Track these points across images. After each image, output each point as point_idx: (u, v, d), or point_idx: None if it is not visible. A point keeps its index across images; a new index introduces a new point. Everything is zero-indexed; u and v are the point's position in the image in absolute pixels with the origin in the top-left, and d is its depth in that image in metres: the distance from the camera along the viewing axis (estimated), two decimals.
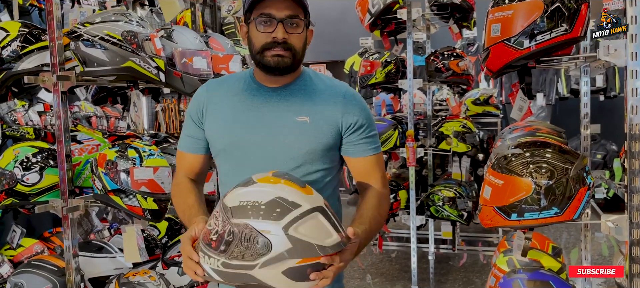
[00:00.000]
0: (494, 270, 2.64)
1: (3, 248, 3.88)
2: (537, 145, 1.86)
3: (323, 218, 1.26)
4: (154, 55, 2.30)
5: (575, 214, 1.76)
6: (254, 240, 1.21)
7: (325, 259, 1.25)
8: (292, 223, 1.22)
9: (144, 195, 2.26)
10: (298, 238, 1.22)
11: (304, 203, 1.25)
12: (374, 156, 1.64)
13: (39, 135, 3.94)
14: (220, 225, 1.25)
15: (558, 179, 1.75)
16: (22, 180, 2.43)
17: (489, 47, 1.91)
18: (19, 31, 2.42)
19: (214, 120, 1.63)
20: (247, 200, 1.25)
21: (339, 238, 1.27)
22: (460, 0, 4.10)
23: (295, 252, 1.22)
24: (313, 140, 1.57)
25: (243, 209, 1.23)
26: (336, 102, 1.60)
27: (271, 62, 1.52)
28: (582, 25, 1.83)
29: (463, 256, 5.60)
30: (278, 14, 1.50)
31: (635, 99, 1.70)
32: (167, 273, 2.54)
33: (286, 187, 1.27)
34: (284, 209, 1.23)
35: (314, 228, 1.24)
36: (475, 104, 5.53)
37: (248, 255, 1.22)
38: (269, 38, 1.51)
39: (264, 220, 1.22)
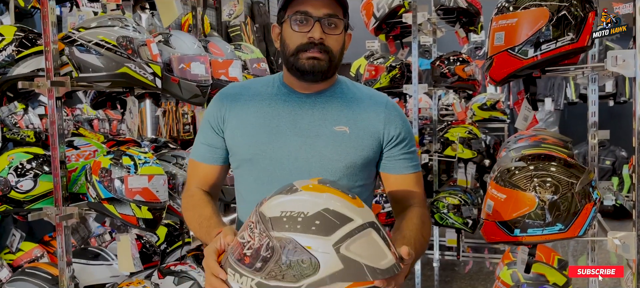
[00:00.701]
0: (497, 283, 2.57)
1: (2, 252, 3.86)
2: (541, 158, 1.79)
3: (377, 235, 1.09)
4: (150, 61, 2.25)
5: (580, 231, 1.69)
6: (299, 259, 1.04)
7: (379, 283, 1.07)
8: (344, 240, 1.05)
9: (138, 203, 2.21)
10: (350, 259, 1.04)
11: (355, 217, 1.08)
12: (415, 174, 1.50)
13: (40, 138, 3.92)
14: (257, 239, 1.08)
15: (563, 194, 1.68)
16: (16, 187, 2.39)
17: (493, 56, 1.85)
18: (15, 35, 2.38)
19: (238, 127, 1.47)
20: (291, 210, 1.07)
21: (394, 260, 1.10)
22: (466, 4, 4.03)
23: (346, 274, 1.04)
24: (353, 153, 1.43)
25: (285, 221, 1.06)
26: (378, 112, 1.46)
27: (306, 65, 1.38)
28: (589, 34, 1.76)
29: (469, 263, 5.52)
30: (315, 12, 1.37)
31: None
32: (162, 282, 2.49)
33: (335, 196, 1.09)
34: (334, 223, 1.06)
35: (368, 247, 1.07)
36: (482, 109, 5.46)
37: (290, 275, 1.04)
38: (304, 38, 1.38)
39: (311, 235, 1.04)
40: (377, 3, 4.25)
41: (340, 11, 1.40)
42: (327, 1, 1.37)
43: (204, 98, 2.52)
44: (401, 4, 4.23)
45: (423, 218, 1.44)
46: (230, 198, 2.99)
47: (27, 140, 3.86)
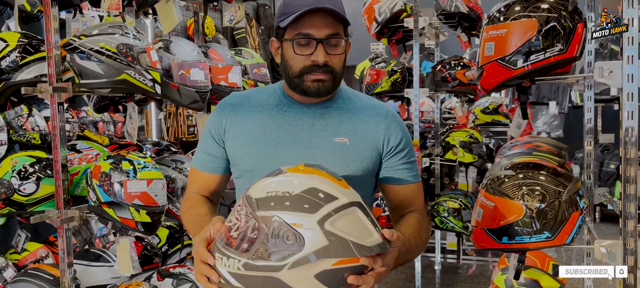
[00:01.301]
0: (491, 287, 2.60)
1: (8, 252, 3.92)
2: (530, 167, 1.82)
3: (362, 213, 1.10)
4: (150, 68, 2.30)
5: (567, 239, 1.72)
6: (284, 236, 1.05)
7: (365, 261, 1.08)
8: (329, 216, 1.06)
9: (137, 207, 2.26)
10: (335, 235, 1.05)
11: (341, 196, 1.09)
12: (415, 184, 1.51)
13: (46, 141, 3.99)
14: (243, 220, 1.09)
15: (550, 203, 1.70)
16: (19, 190, 2.44)
17: (483, 66, 1.87)
18: (18, 42, 2.43)
19: (239, 137, 1.48)
20: (276, 190, 1.09)
21: (381, 239, 1.10)
22: (467, 9, 4.05)
23: (331, 250, 1.05)
24: (352, 164, 1.44)
25: (271, 200, 1.08)
26: (378, 122, 1.47)
27: (311, 87, 1.39)
28: (578, 44, 1.79)
29: (472, 266, 5.54)
30: (318, 34, 1.35)
31: (630, 121, 1.66)
32: (161, 284, 2.53)
33: (321, 177, 1.12)
34: (318, 201, 1.07)
35: (353, 225, 1.08)
36: (485, 113, 5.47)
37: (276, 253, 1.05)
38: (308, 60, 1.37)
39: (295, 213, 1.06)
40: (378, 7, 4.28)
41: (341, 29, 1.40)
42: (329, 21, 1.36)
43: (203, 103, 2.56)
44: (403, 9, 4.26)
45: (421, 222, 1.46)
46: (229, 202, 3.04)
47: (33, 142, 3.93)
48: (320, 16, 1.35)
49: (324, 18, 1.36)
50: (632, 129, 1.66)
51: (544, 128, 7.37)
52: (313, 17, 1.35)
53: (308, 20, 1.36)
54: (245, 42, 6.84)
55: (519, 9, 1.83)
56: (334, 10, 1.35)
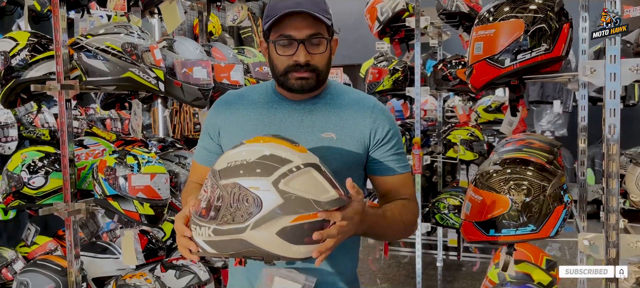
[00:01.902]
0: (485, 282, 2.66)
1: (18, 246, 4.04)
2: (517, 162, 1.88)
3: (318, 173, 1.19)
4: (153, 66, 2.38)
5: (552, 231, 1.78)
6: (243, 199, 1.15)
7: (322, 215, 1.16)
8: (283, 177, 1.15)
9: (140, 200, 2.34)
10: (290, 193, 1.14)
11: (295, 159, 1.18)
12: (404, 174, 1.55)
13: (54, 137, 4.09)
14: (209, 191, 1.20)
15: (535, 196, 1.77)
16: (29, 183, 2.53)
17: (473, 65, 1.94)
18: (28, 41, 2.52)
19: (233, 134, 1.54)
20: (235, 160, 1.19)
21: (337, 195, 1.19)
22: (468, 9, 4.10)
23: (287, 207, 1.14)
24: (340, 158, 1.48)
25: (231, 169, 1.18)
26: (365, 116, 1.52)
27: (295, 85, 1.45)
28: (564, 44, 1.85)
29: (476, 263, 5.59)
30: (298, 35, 1.41)
31: (612, 119, 1.72)
32: (164, 276, 2.62)
33: (276, 144, 1.21)
34: (273, 165, 1.16)
35: (308, 183, 1.17)
36: (487, 111, 5.51)
37: (238, 216, 1.15)
38: (290, 60, 1.43)
39: (252, 177, 1.15)
40: (381, 7, 4.34)
41: (323, 28, 1.44)
42: (309, 21, 1.41)
43: (205, 101, 2.64)
44: (405, 8, 4.32)
45: (406, 205, 1.51)
46: None
47: (42, 138, 4.04)
48: (301, 17, 1.41)
49: (304, 19, 1.41)
50: (614, 126, 1.72)
51: (548, 127, 7.40)
52: (294, 19, 1.41)
53: (289, 22, 1.41)
54: (251, 41, 6.93)
55: (507, 10, 1.89)
56: (313, 8, 1.40)
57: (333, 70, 4.99)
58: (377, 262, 5.65)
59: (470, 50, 1.94)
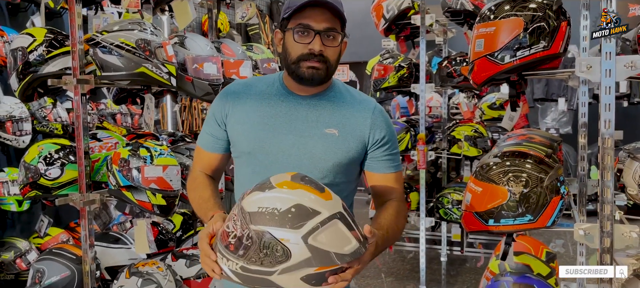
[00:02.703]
0: (486, 273, 2.73)
1: (31, 237, 4.14)
2: (516, 155, 1.95)
3: (342, 225, 1.25)
4: (166, 62, 2.46)
5: (548, 221, 1.85)
6: (273, 248, 1.21)
7: (343, 264, 1.25)
8: (312, 232, 1.21)
9: (153, 191, 2.43)
10: (317, 248, 1.22)
11: (323, 210, 1.24)
12: (395, 174, 1.66)
13: (67, 131, 4.19)
14: (239, 229, 1.25)
15: (532, 188, 1.84)
16: (45, 175, 2.63)
17: (474, 61, 2.01)
18: (45, 37, 2.61)
19: (240, 122, 1.61)
20: (266, 206, 1.23)
21: (358, 245, 1.27)
22: (472, 7, 4.17)
23: (314, 260, 1.22)
24: (340, 153, 1.57)
25: (262, 216, 1.22)
26: (365, 117, 1.61)
27: (306, 73, 1.52)
28: (562, 41, 1.92)
29: (480, 258, 5.65)
30: (316, 26, 1.50)
31: (608, 113, 1.79)
32: (175, 264, 2.71)
33: (305, 193, 1.25)
34: (303, 217, 1.21)
35: (333, 236, 1.23)
36: (492, 108, 5.57)
37: (267, 262, 1.22)
38: (305, 49, 1.51)
39: (283, 229, 1.21)
40: (386, 5, 4.41)
41: (338, 24, 1.54)
42: (328, 16, 1.51)
43: (215, 96, 2.72)
44: (410, 6, 4.39)
45: (398, 210, 1.61)
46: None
47: (55, 132, 4.14)
48: (320, 10, 1.50)
49: (323, 13, 1.50)
50: (609, 121, 1.78)
51: (553, 124, 7.44)
52: (314, 10, 1.50)
53: (309, 13, 1.50)
54: (258, 38, 7.00)
55: (507, 8, 1.96)
56: (333, 6, 1.50)
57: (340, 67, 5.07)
58: (381, 256, 5.73)
59: (472, 47, 2.01)
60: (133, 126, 4.83)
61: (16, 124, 3.82)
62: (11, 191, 3.77)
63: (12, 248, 3.82)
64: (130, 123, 4.76)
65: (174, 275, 2.58)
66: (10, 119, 3.78)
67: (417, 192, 4.70)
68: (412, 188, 4.80)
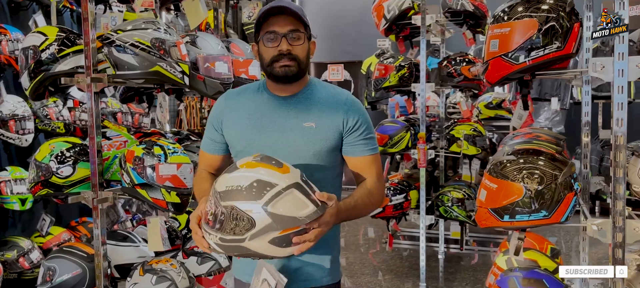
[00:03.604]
0: (493, 269, 2.78)
1: (33, 236, 4.13)
2: (529, 153, 2.00)
3: (299, 193, 1.47)
4: (180, 60, 2.49)
5: (562, 217, 1.90)
6: (241, 219, 1.43)
7: (303, 226, 1.46)
8: (270, 201, 1.43)
9: (167, 189, 2.45)
10: (276, 214, 1.43)
11: (280, 182, 1.46)
12: (371, 156, 1.84)
13: (69, 130, 4.19)
14: (214, 208, 1.48)
15: (547, 184, 1.89)
16: (57, 173, 2.63)
17: (488, 61, 2.06)
18: (57, 36, 2.62)
19: (233, 125, 1.85)
20: (232, 184, 1.46)
21: (314, 208, 1.48)
22: (472, 7, 4.23)
23: (276, 225, 1.43)
24: (318, 143, 1.77)
25: (229, 193, 1.45)
26: (338, 108, 1.81)
27: (280, 72, 1.74)
28: (575, 42, 1.97)
29: (474, 256, 5.72)
30: (281, 30, 1.72)
31: (620, 112, 1.84)
32: (186, 262, 2.73)
33: (263, 169, 1.48)
34: (261, 190, 1.44)
35: (291, 203, 1.45)
36: (488, 108, 5.65)
37: (237, 230, 1.44)
38: (275, 51, 1.72)
39: (246, 201, 1.43)
40: (387, 5, 4.46)
41: (301, 26, 1.75)
42: (290, 20, 1.73)
43: None
44: (410, 6, 4.44)
45: (372, 188, 1.81)
46: None
47: (57, 131, 4.13)
48: (283, 17, 1.73)
49: (285, 18, 1.73)
50: (622, 119, 1.84)
51: (546, 124, 7.54)
52: (277, 18, 1.73)
53: (273, 21, 1.73)
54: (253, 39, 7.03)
55: (521, 10, 2.01)
56: (293, 11, 1.73)
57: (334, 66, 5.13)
58: (379, 254, 5.78)
59: (486, 47, 2.06)
60: (133, 125, 4.83)
61: (19, 122, 3.81)
62: (14, 190, 3.76)
63: (15, 247, 3.82)
64: (130, 122, 4.76)
65: (187, 272, 2.60)
66: (13, 118, 3.77)
67: (416, 190, 4.76)
68: (411, 186, 4.86)
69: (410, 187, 4.81)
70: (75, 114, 4.28)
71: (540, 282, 2.37)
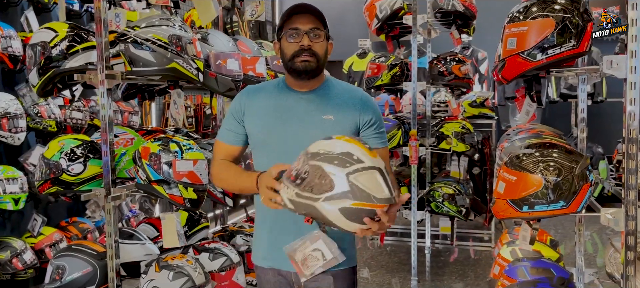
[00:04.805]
0: (498, 260, 2.88)
1: (24, 236, 4.05)
2: (545, 146, 2.10)
3: (380, 176, 1.53)
4: (195, 57, 2.50)
5: (579, 207, 2.01)
6: (322, 178, 1.51)
7: (374, 207, 1.51)
8: (353, 172, 1.50)
9: (185, 185, 2.46)
10: (355, 185, 1.49)
11: (366, 160, 1.53)
12: (383, 149, 1.96)
13: (60, 128, 4.12)
14: (301, 165, 1.56)
15: (565, 176, 1.99)
16: (67, 170, 2.61)
17: (505, 58, 2.15)
18: (67, 32, 2.60)
19: (255, 117, 1.94)
20: (324, 149, 1.56)
21: (390, 195, 1.54)
22: (463, 8, 4.34)
23: (351, 195, 1.49)
24: (336, 135, 1.83)
25: (319, 155, 1.55)
26: (355, 103, 1.93)
27: (300, 66, 1.85)
28: (588, 41, 2.08)
29: (454, 251, 5.87)
30: (303, 27, 1.85)
31: (632, 107, 1.95)
32: (199, 258, 2.74)
33: (356, 146, 1.56)
34: (349, 160, 1.52)
35: (370, 181, 1.51)
36: (472, 106, 5.79)
37: (315, 190, 1.52)
38: (297, 47, 1.85)
39: (332, 165, 1.51)
40: (380, 5, 4.54)
41: (321, 25, 1.89)
42: (311, 18, 1.87)
43: (237, 92, 2.77)
44: (401, 6, 4.53)
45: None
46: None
47: (49, 129, 4.06)
48: (305, 16, 1.86)
49: (307, 17, 1.86)
50: (634, 113, 1.95)
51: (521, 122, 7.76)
52: (299, 17, 1.86)
53: (296, 19, 1.86)
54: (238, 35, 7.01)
55: (536, 10, 2.11)
56: (315, 10, 1.87)
57: None
58: (369, 250, 5.86)
59: (503, 45, 2.15)
60: (123, 124, 4.77)
61: (12, 120, 3.73)
62: (7, 189, 3.69)
63: (8, 248, 3.74)
64: (120, 120, 4.71)
65: (202, 267, 2.61)
66: (5, 116, 3.69)
67: (405, 187, 4.85)
68: (400, 183, 4.95)
69: (400, 184, 4.90)
70: (66, 112, 4.21)
71: (547, 270, 2.47)
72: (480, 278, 4.94)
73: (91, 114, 4.51)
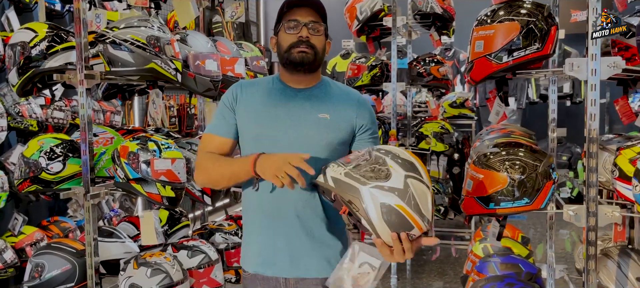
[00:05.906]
0: (470, 256, 2.97)
1: (4, 235, 4.05)
2: (511, 145, 2.18)
3: (431, 200, 1.51)
4: (173, 58, 2.54)
5: (542, 204, 2.08)
6: (381, 165, 1.49)
7: (413, 222, 1.46)
8: (412, 178, 1.49)
9: (163, 183, 2.50)
10: (410, 188, 1.47)
11: (426, 179, 1.53)
12: None
13: (42, 127, 4.13)
14: (363, 152, 1.58)
15: (529, 174, 2.07)
16: (47, 169, 2.64)
17: (473, 60, 2.22)
18: (46, 32, 2.63)
19: (247, 111, 1.87)
20: (392, 149, 1.57)
21: (429, 219, 1.51)
22: (441, 10, 4.42)
23: (401, 194, 1.46)
24: (331, 134, 1.82)
25: (387, 150, 1.56)
26: (351, 105, 1.89)
27: (297, 57, 1.80)
28: (552, 44, 2.16)
29: (436, 250, 5.95)
30: (302, 19, 1.80)
31: (593, 108, 2.03)
32: (177, 255, 2.78)
33: (420, 164, 1.56)
34: (412, 169, 1.51)
35: (423, 197, 1.48)
36: (452, 107, 5.88)
37: (368, 175, 1.49)
38: (295, 38, 1.80)
39: (395, 162, 1.51)
40: (360, 6, 4.60)
41: (320, 19, 1.84)
42: (311, 11, 1.82)
43: (216, 92, 2.82)
44: (382, 8, 4.60)
45: None
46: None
47: (30, 129, 4.07)
48: (304, 8, 1.81)
49: (307, 10, 1.81)
50: (595, 114, 2.03)
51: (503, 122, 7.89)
52: (299, 9, 1.81)
53: (295, 11, 1.81)
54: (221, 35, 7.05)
55: (502, 13, 2.18)
56: (316, 2, 1.82)
57: None
58: None
59: (471, 48, 2.22)
60: (105, 123, 4.79)
61: None
62: None
63: None
64: (102, 120, 4.73)
65: (180, 265, 2.66)
66: None
67: None
68: None
69: None
70: (47, 112, 4.23)
71: (516, 265, 2.55)
72: (459, 276, 5.03)
73: (73, 113, 4.52)
